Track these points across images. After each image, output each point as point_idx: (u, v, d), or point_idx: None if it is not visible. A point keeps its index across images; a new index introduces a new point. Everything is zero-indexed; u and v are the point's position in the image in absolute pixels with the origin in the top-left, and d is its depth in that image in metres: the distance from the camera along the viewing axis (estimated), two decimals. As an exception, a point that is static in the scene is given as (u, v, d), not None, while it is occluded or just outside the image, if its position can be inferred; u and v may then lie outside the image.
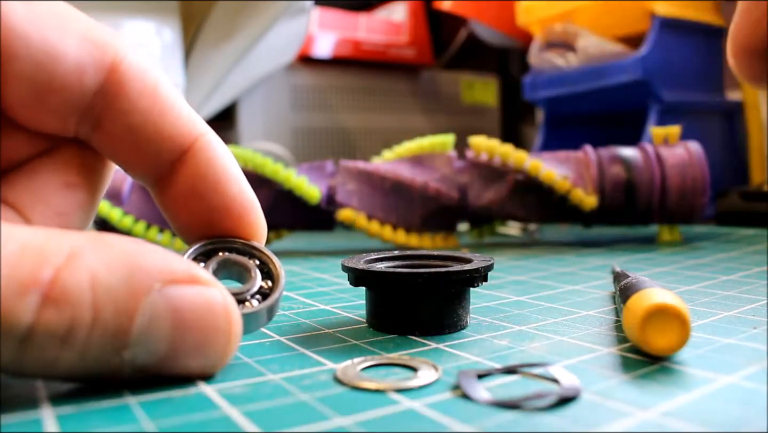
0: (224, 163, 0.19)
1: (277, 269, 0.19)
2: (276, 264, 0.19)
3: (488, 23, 0.82)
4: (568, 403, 0.14)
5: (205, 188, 0.18)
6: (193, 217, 0.19)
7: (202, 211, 0.19)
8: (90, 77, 0.17)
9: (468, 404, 0.14)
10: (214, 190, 0.19)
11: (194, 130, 0.18)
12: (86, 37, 0.17)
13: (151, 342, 0.14)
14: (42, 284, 0.13)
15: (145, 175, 0.19)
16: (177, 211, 0.19)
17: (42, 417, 0.14)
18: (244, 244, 0.19)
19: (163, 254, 0.15)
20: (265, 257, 0.19)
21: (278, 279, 0.19)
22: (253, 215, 0.19)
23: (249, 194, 0.19)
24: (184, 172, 0.18)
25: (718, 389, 0.15)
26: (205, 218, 0.19)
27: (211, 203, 0.19)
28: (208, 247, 0.19)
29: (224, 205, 0.19)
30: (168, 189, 0.19)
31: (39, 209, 0.18)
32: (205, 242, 0.19)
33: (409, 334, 0.21)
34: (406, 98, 0.87)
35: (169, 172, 0.19)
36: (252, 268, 0.19)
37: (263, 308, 0.18)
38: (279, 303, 0.19)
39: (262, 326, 0.18)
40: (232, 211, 0.19)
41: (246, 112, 0.74)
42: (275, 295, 0.18)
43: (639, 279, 0.20)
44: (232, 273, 0.19)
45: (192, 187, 0.18)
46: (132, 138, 0.18)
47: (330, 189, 0.43)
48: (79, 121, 0.18)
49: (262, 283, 0.19)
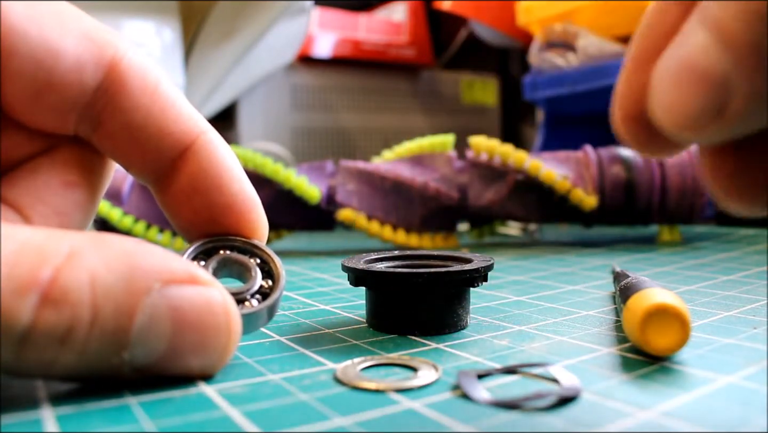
0: (225, 161, 0.19)
1: (277, 268, 0.19)
2: (277, 263, 0.19)
3: (488, 23, 0.82)
4: (568, 403, 0.14)
5: (207, 186, 0.18)
6: (194, 215, 0.19)
7: (203, 209, 0.19)
8: (89, 75, 0.17)
9: (468, 404, 0.14)
10: (216, 188, 0.19)
11: (195, 128, 0.18)
12: (86, 35, 0.17)
13: (150, 342, 0.14)
14: (41, 284, 0.13)
15: (146, 173, 0.19)
16: (178, 209, 0.19)
17: (42, 417, 0.14)
18: (244, 242, 0.19)
19: (163, 253, 0.15)
20: (266, 255, 0.19)
21: (278, 279, 0.19)
22: (255, 213, 0.19)
23: (250, 192, 0.19)
24: (186, 170, 0.18)
25: (718, 389, 0.15)
26: (206, 216, 0.19)
27: (212, 201, 0.19)
28: (209, 245, 0.19)
29: (225, 203, 0.19)
30: (169, 187, 0.19)
31: (38, 209, 0.18)
32: (205, 240, 0.19)
33: (409, 334, 0.21)
34: (406, 98, 0.87)
35: (170, 170, 0.19)
36: (252, 267, 0.19)
37: (263, 308, 0.18)
38: (279, 303, 0.19)
39: (262, 325, 0.18)
40: (233, 209, 0.19)
41: (246, 112, 0.74)
42: (275, 295, 0.18)
43: (639, 279, 0.20)
44: (232, 272, 0.19)
45: (193, 185, 0.18)
46: (132, 136, 0.18)
47: (330, 189, 0.43)
48: (79, 119, 0.18)
49: (263, 282, 0.19)
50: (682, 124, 0.12)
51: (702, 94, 0.12)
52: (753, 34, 0.11)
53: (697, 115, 0.12)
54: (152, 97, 0.18)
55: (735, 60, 0.11)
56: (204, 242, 0.19)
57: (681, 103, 0.12)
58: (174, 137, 0.18)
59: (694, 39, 0.12)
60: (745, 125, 0.12)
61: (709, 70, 0.12)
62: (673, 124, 0.12)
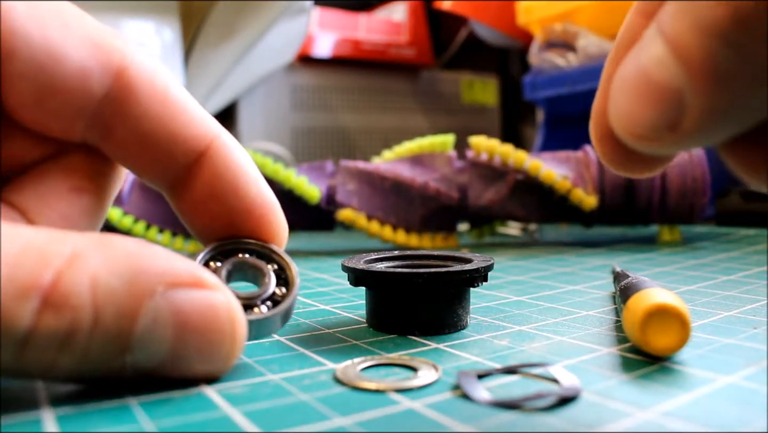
0: (242, 164, 0.18)
1: (293, 275, 0.18)
2: (293, 270, 0.19)
3: (488, 23, 0.82)
4: (568, 403, 0.14)
5: (224, 191, 0.18)
6: (212, 221, 0.18)
7: (221, 214, 0.18)
8: (96, 81, 0.16)
9: (468, 404, 0.14)
10: (233, 192, 0.18)
11: (209, 133, 0.18)
12: (91, 41, 0.16)
13: (153, 346, 0.14)
14: (42, 287, 0.13)
15: (160, 180, 0.18)
16: (195, 216, 0.19)
17: (42, 417, 0.14)
18: (263, 246, 0.19)
19: (167, 255, 0.15)
20: (284, 262, 0.19)
21: (293, 286, 0.18)
22: (274, 216, 0.19)
23: (269, 195, 0.19)
24: (202, 176, 0.18)
25: (718, 389, 0.15)
26: (225, 221, 0.18)
27: (230, 206, 0.18)
28: (227, 247, 0.18)
29: (244, 208, 0.18)
30: (185, 193, 0.18)
31: (45, 214, 0.17)
32: (223, 241, 0.18)
33: (409, 334, 0.21)
34: (406, 98, 0.87)
35: (185, 176, 0.18)
36: (268, 273, 0.18)
37: (272, 315, 0.17)
38: (292, 311, 0.18)
39: (272, 332, 0.18)
40: (252, 213, 0.18)
41: (246, 112, 0.74)
42: (286, 302, 0.18)
43: (639, 279, 0.20)
44: (247, 276, 0.19)
45: (210, 191, 0.18)
46: (144, 144, 0.17)
47: (330, 189, 0.43)
48: (87, 127, 0.17)
49: (276, 289, 0.18)
50: (637, 134, 0.12)
51: (655, 108, 0.12)
52: (708, 49, 0.11)
53: (652, 127, 0.12)
54: (162, 103, 0.17)
55: (689, 75, 0.11)
56: (222, 243, 0.18)
57: (636, 114, 0.12)
58: (187, 143, 0.18)
59: (650, 50, 0.12)
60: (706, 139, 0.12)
61: (662, 84, 0.11)
62: (629, 134, 0.12)
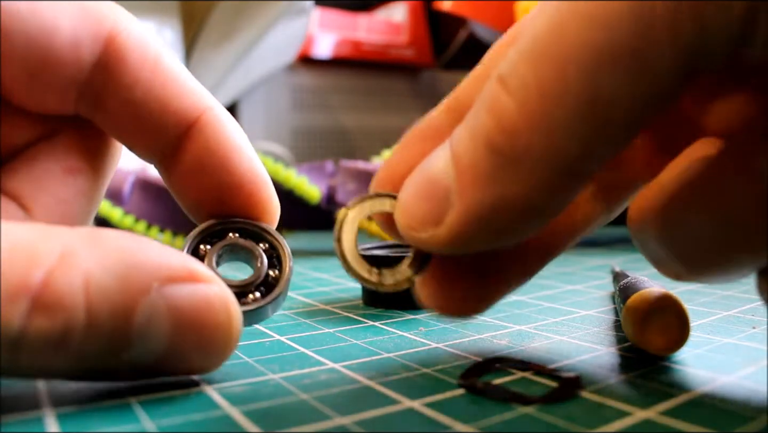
0: (233, 138, 0.18)
1: (285, 257, 0.18)
2: (285, 250, 0.18)
3: (488, 23, 0.82)
4: (567, 402, 0.14)
5: (214, 164, 0.18)
6: (202, 195, 0.18)
7: (211, 188, 0.18)
8: (87, 50, 0.16)
9: (468, 404, 0.14)
10: (224, 166, 0.18)
11: (200, 103, 0.18)
12: (81, 9, 0.16)
13: (149, 343, 0.14)
14: (32, 288, 0.12)
15: (151, 152, 0.18)
16: (185, 189, 0.18)
17: (42, 417, 0.14)
18: (254, 225, 0.18)
19: (160, 249, 0.14)
20: (275, 241, 0.18)
21: (285, 270, 0.18)
22: (265, 192, 0.18)
23: (260, 170, 0.18)
24: (191, 148, 0.18)
25: (717, 388, 0.15)
26: (214, 196, 0.18)
27: (220, 180, 0.18)
28: (217, 227, 0.18)
29: (235, 182, 0.18)
30: (175, 166, 0.18)
31: (39, 198, 0.17)
32: (213, 222, 0.18)
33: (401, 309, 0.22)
34: (406, 98, 0.87)
35: (175, 148, 0.18)
36: (259, 255, 0.18)
37: (265, 303, 0.17)
38: (285, 295, 0.18)
39: (264, 319, 0.18)
40: (243, 188, 0.18)
41: (246, 112, 0.74)
42: (278, 289, 0.17)
43: (639, 279, 0.20)
44: (239, 257, 0.18)
45: (200, 164, 0.18)
46: (134, 113, 0.17)
47: (330, 189, 0.43)
48: (79, 97, 0.17)
49: (269, 271, 0.18)
50: (406, 224, 0.14)
51: (426, 201, 0.14)
52: (474, 154, 0.13)
53: (419, 217, 0.14)
54: (153, 71, 0.17)
55: (456, 174, 0.13)
56: (211, 224, 0.18)
57: (411, 206, 0.14)
58: (177, 113, 0.17)
59: (440, 153, 0.14)
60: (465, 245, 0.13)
61: (436, 182, 0.13)
62: (401, 223, 0.14)
